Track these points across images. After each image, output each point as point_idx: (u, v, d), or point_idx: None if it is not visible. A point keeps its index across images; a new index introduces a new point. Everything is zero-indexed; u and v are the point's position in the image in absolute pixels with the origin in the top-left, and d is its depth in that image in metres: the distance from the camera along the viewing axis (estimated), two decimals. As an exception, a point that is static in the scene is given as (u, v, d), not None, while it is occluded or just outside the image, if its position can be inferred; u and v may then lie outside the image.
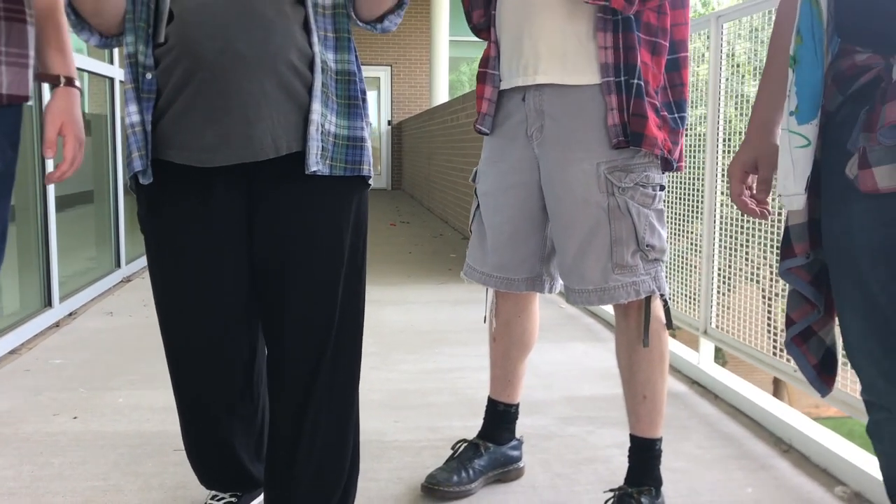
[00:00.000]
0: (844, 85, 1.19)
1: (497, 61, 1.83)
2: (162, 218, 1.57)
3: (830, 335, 1.39)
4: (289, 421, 1.61)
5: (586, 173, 1.69)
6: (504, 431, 2.08)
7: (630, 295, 1.71)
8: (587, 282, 1.73)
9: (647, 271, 1.72)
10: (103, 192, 4.85)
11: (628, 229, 1.69)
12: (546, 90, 1.74)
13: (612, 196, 1.69)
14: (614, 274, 1.71)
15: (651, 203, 1.71)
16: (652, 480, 1.81)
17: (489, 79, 1.84)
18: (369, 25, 1.58)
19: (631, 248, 1.70)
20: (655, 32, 1.68)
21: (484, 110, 1.85)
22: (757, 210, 1.49)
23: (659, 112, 1.71)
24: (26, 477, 2.07)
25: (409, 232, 7.73)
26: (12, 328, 3.32)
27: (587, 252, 1.72)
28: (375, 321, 3.87)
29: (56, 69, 1.61)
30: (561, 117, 1.72)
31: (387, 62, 14.09)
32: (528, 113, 1.77)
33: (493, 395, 2.09)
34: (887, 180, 1.09)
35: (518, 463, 2.09)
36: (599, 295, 1.73)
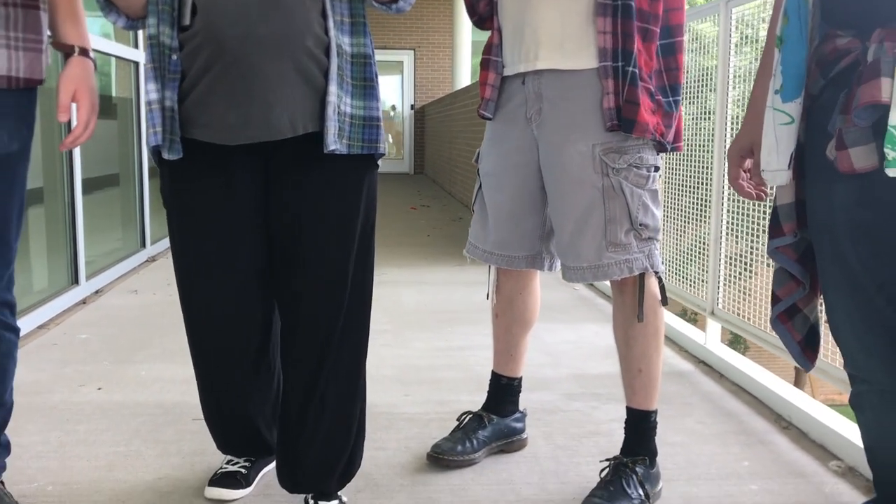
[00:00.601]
0: (826, 69, 1.24)
1: (500, 49, 1.89)
2: (184, 192, 1.66)
3: (814, 312, 1.44)
4: (300, 388, 1.70)
5: (582, 155, 1.75)
6: (507, 404, 2.15)
7: (623, 272, 1.77)
8: (582, 259, 1.79)
9: (641, 249, 1.78)
10: (129, 175, 4.97)
11: (622, 209, 1.75)
12: (545, 74, 1.80)
13: (607, 176, 1.75)
14: (608, 252, 1.77)
15: (645, 183, 1.77)
16: (647, 451, 1.87)
17: (492, 65, 1.90)
18: (384, 6, 1.65)
19: (624, 227, 1.76)
20: (647, 18, 1.73)
21: (487, 96, 1.91)
22: (753, 193, 1.55)
23: (653, 96, 1.76)
24: (54, 442, 2.18)
25: (429, 215, 7.80)
26: (41, 304, 3.45)
27: (582, 230, 1.78)
28: (390, 301, 3.96)
29: (70, 39, 1.67)
30: (558, 101, 1.78)
31: (410, 46, 14.12)
32: (528, 96, 1.83)
33: (497, 370, 2.16)
34: (863, 160, 1.15)
35: (521, 434, 2.17)
36: (594, 272, 1.79)
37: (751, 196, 1.53)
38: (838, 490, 1.96)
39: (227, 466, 1.91)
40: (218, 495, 1.85)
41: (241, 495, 1.86)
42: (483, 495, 1.91)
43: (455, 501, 1.88)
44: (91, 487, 1.92)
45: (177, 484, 1.94)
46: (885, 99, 1.08)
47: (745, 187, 1.53)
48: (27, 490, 1.88)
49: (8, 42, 1.56)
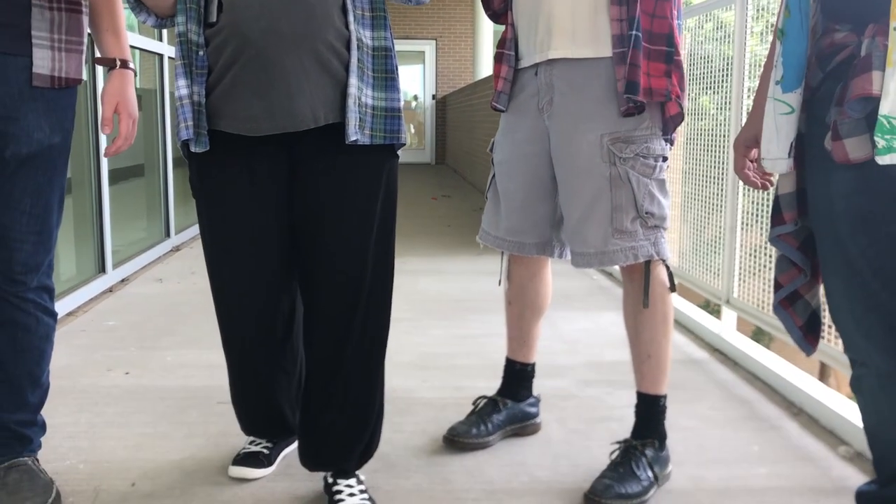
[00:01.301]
0: (824, 62, 1.29)
1: (514, 42, 1.94)
2: (211, 183, 1.73)
3: (816, 298, 1.49)
4: (324, 370, 1.76)
5: (590, 144, 1.80)
6: (521, 389, 2.21)
7: (629, 258, 1.82)
8: (588, 245, 1.84)
9: (647, 237, 1.82)
10: (154, 166, 5.07)
11: (628, 197, 1.80)
12: (556, 65, 1.84)
13: (614, 165, 1.79)
14: (614, 238, 1.81)
15: (652, 173, 1.81)
16: (656, 434, 1.92)
17: (505, 59, 1.95)
18: (405, 1, 1.71)
19: (630, 215, 1.80)
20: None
21: (500, 88, 1.96)
22: (758, 182, 1.59)
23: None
24: (84, 423, 2.27)
25: (450, 205, 7.86)
26: (69, 292, 3.55)
27: (590, 217, 1.83)
28: (410, 289, 4.02)
29: (112, 53, 1.78)
30: (568, 91, 1.83)
31: (432, 36, 14.15)
32: (540, 87, 1.88)
33: (510, 356, 2.22)
34: (857, 151, 1.19)
35: (535, 419, 2.22)
36: (600, 258, 1.84)
37: (756, 185, 1.57)
38: (845, 474, 2.00)
39: (249, 447, 1.98)
40: (241, 474, 1.92)
41: (263, 474, 1.94)
42: (497, 476, 1.97)
43: (469, 482, 1.94)
44: (120, 466, 2.00)
45: (202, 463, 2.02)
46: (877, 91, 1.12)
47: (751, 177, 1.57)
48: (60, 468, 1.96)
49: (52, 44, 1.65)
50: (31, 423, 1.83)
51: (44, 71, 1.65)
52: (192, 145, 1.67)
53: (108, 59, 1.78)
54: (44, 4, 1.64)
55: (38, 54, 1.64)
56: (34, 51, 1.64)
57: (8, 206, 1.68)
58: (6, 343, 1.75)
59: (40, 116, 1.67)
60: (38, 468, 1.80)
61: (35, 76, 1.64)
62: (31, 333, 1.77)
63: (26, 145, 1.66)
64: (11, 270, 1.71)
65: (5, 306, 1.74)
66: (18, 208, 1.68)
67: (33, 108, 1.66)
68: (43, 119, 1.67)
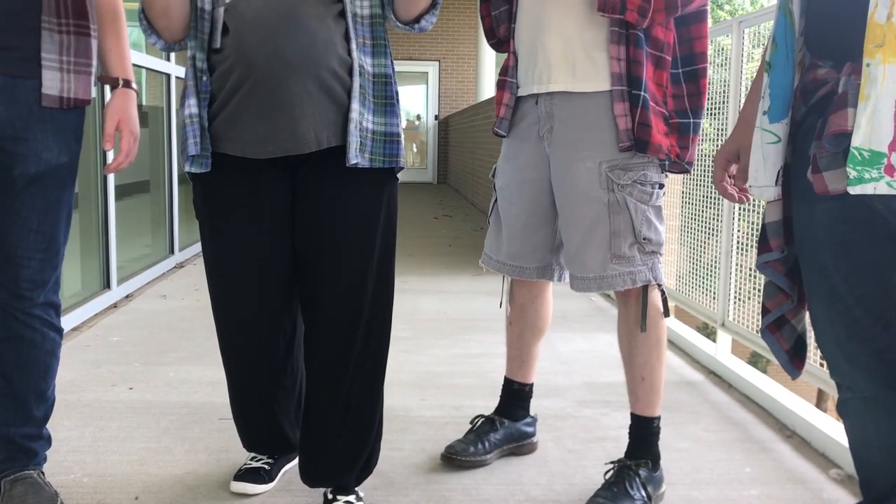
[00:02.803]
0: (807, 96, 1.34)
1: (515, 70, 2.00)
2: (215, 204, 1.78)
3: (802, 323, 1.53)
4: (323, 392, 1.80)
5: (589, 171, 1.85)
6: (518, 409, 2.25)
7: (626, 283, 1.87)
8: (588, 270, 1.89)
9: (644, 262, 1.87)
10: (159, 182, 5.12)
11: (626, 223, 1.85)
12: (556, 96, 1.90)
13: (612, 192, 1.84)
14: (612, 264, 1.86)
15: (649, 200, 1.86)
16: (650, 455, 1.96)
17: (507, 86, 2.01)
18: (407, 26, 1.77)
19: (628, 241, 1.85)
20: (661, 47, 1.84)
21: (501, 115, 2.02)
22: (736, 195, 1.65)
23: (668, 120, 1.87)
24: (88, 437, 2.31)
25: (451, 225, 7.91)
26: (74, 308, 3.59)
27: (588, 243, 1.88)
28: (411, 308, 4.06)
29: (115, 72, 1.84)
30: (568, 120, 1.89)
31: (435, 57, 14.27)
32: (540, 115, 1.94)
33: (509, 375, 2.26)
34: (835, 183, 1.24)
35: (532, 438, 2.26)
36: (598, 282, 1.89)
37: (733, 198, 1.63)
38: (836, 496, 2.04)
39: (251, 463, 2.02)
40: (242, 489, 1.96)
41: (264, 490, 1.97)
42: (493, 494, 2.01)
43: (466, 500, 1.98)
44: (124, 480, 2.04)
45: (204, 478, 2.06)
46: (851, 128, 1.17)
47: (728, 189, 1.63)
48: (65, 481, 2.00)
49: (61, 65, 1.70)
50: (36, 437, 1.86)
51: (53, 92, 1.71)
52: (193, 163, 1.72)
53: (111, 78, 1.84)
54: (53, 28, 1.69)
55: (47, 76, 1.69)
56: (43, 72, 1.69)
57: (16, 223, 1.72)
58: (13, 358, 1.80)
59: (49, 136, 1.72)
60: (43, 481, 1.84)
61: (44, 97, 1.69)
62: (37, 349, 1.81)
63: (35, 165, 1.71)
64: (18, 287, 1.75)
65: (12, 322, 1.78)
66: (26, 226, 1.73)
67: (42, 129, 1.71)
68: (51, 139, 1.73)
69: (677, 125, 1.88)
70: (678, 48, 1.88)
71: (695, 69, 1.89)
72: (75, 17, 1.72)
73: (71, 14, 1.71)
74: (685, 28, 1.88)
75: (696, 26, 1.88)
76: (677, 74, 1.89)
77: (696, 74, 1.89)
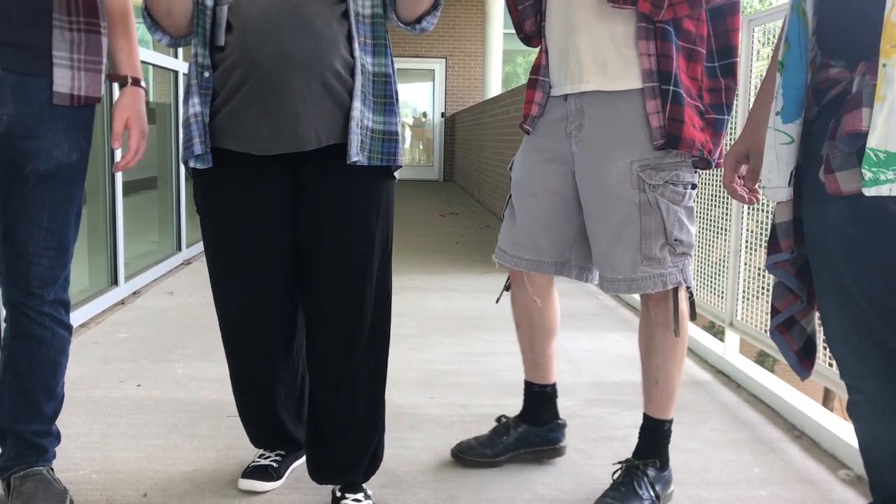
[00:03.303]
0: (819, 96, 1.33)
1: (547, 70, 1.96)
2: (216, 201, 1.78)
3: (811, 324, 1.52)
4: (326, 389, 1.81)
5: (620, 171, 1.81)
6: (541, 412, 2.18)
7: (657, 286, 1.83)
8: (617, 271, 1.85)
9: (675, 264, 1.83)
10: (166, 179, 5.14)
11: (657, 224, 1.81)
12: (588, 94, 1.86)
13: (644, 192, 1.80)
14: (643, 265, 1.82)
15: (681, 200, 1.82)
16: (659, 455, 1.95)
17: (540, 85, 1.98)
18: (408, 27, 1.78)
19: (659, 242, 1.82)
20: (694, 40, 1.79)
21: (533, 113, 1.99)
22: (746, 196, 1.64)
23: (704, 115, 1.82)
24: (96, 434, 2.31)
25: (458, 223, 7.91)
26: (82, 304, 3.60)
27: (618, 243, 1.84)
28: (417, 306, 4.07)
29: (125, 70, 1.84)
30: (600, 118, 1.85)
31: (441, 55, 14.26)
32: (569, 112, 1.90)
33: (527, 378, 2.20)
34: (848, 183, 1.23)
35: (556, 444, 2.18)
36: (628, 284, 1.85)
37: (743, 199, 1.62)
38: (845, 497, 2.03)
39: (259, 460, 2.02)
40: (250, 486, 1.96)
41: (272, 487, 1.98)
42: (501, 493, 2.01)
43: (474, 498, 1.98)
44: (132, 477, 2.04)
45: (212, 476, 2.06)
46: (865, 128, 1.17)
47: (738, 191, 1.62)
48: (73, 477, 2.01)
49: (72, 63, 1.71)
50: (46, 434, 1.87)
51: (64, 90, 1.71)
52: (197, 161, 1.72)
53: (120, 77, 1.84)
54: (64, 25, 1.69)
55: (58, 73, 1.70)
56: (54, 70, 1.69)
57: (26, 221, 1.73)
58: (23, 355, 1.80)
59: (60, 134, 1.72)
60: (52, 477, 1.84)
61: (55, 95, 1.70)
62: (46, 346, 1.82)
63: (45, 163, 1.71)
64: (29, 284, 1.76)
65: (22, 319, 1.79)
66: (36, 224, 1.74)
67: (53, 127, 1.71)
68: (62, 137, 1.73)
69: (713, 121, 1.83)
70: (714, 41, 1.84)
71: (731, 62, 1.84)
72: (86, 15, 1.72)
73: (82, 12, 1.71)
74: (721, 20, 1.83)
75: (731, 18, 1.84)
76: (713, 68, 1.84)
77: (732, 68, 1.85)
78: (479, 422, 2.47)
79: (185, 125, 1.73)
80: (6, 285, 1.78)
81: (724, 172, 1.63)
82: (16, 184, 1.71)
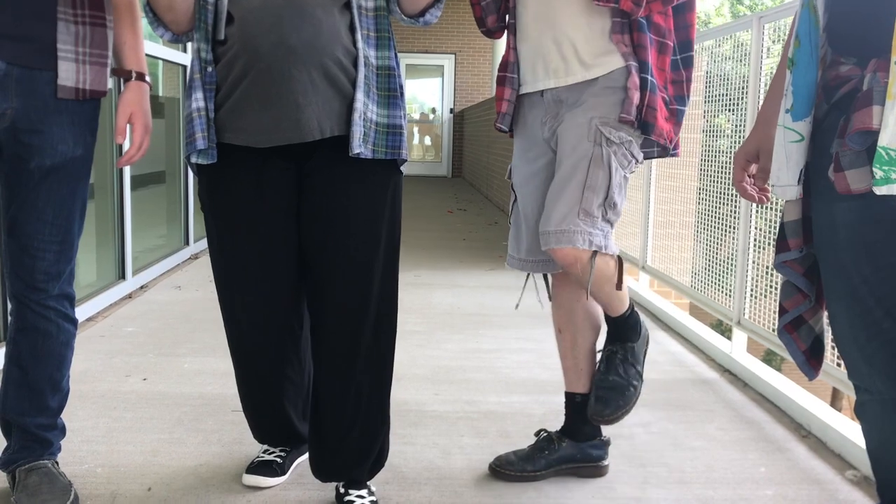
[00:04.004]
0: (829, 94, 1.32)
1: (516, 66, 1.98)
2: (220, 195, 1.78)
3: (820, 324, 1.51)
4: (332, 386, 1.80)
5: (580, 125, 1.85)
6: (584, 425, 2.09)
7: (584, 243, 1.82)
8: (551, 222, 1.84)
9: (602, 227, 1.85)
10: (174, 173, 5.14)
11: (603, 180, 1.83)
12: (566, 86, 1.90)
13: (599, 146, 1.83)
14: (578, 218, 1.82)
15: (627, 165, 1.86)
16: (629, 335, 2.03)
17: (508, 81, 1.98)
18: (412, 20, 1.77)
19: (599, 198, 1.83)
20: (664, 33, 1.86)
21: (504, 110, 2.00)
22: (755, 196, 1.63)
23: (668, 105, 1.89)
24: (102, 428, 2.32)
25: (465, 219, 7.90)
26: (89, 298, 3.61)
27: (560, 194, 1.84)
28: (424, 303, 4.06)
29: (129, 65, 1.83)
30: (576, 101, 1.89)
31: (451, 50, 14.24)
32: (547, 106, 1.93)
33: (568, 388, 2.12)
34: (858, 182, 1.22)
35: (599, 462, 2.11)
36: (557, 236, 1.82)
37: (753, 198, 1.61)
38: (852, 498, 2.02)
39: (263, 455, 2.02)
40: (255, 482, 1.96)
41: (276, 483, 1.97)
42: (506, 490, 2.00)
43: (479, 495, 1.97)
44: (137, 471, 2.05)
45: (216, 470, 2.06)
46: (876, 126, 1.15)
47: (748, 190, 1.61)
48: (78, 471, 2.01)
49: (77, 56, 1.70)
50: (51, 427, 1.87)
51: (68, 83, 1.70)
52: (200, 156, 1.72)
53: (124, 71, 1.84)
54: (69, 18, 1.69)
55: (62, 67, 1.69)
56: (59, 63, 1.68)
57: (31, 216, 1.73)
58: (28, 349, 1.81)
59: (65, 129, 1.72)
60: (57, 471, 1.84)
61: (60, 88, 1.69)
62: (51, 340, 1.82)
63: (50, 157, 1.71)
64: (34, 278, 1.76)
65: (27, 313, 1.79)
66: (42, 218, 1.74)
67: (58, 121, 1.71)
68: (67, 131, 1.73)
69: (675, 111, 1.90)
70: (676, 35, 1.90)
71: (690, 56, 1.92)
72: (91, 8, 1.72)
73: (87, 5, 1.71)
74: (682, 16, 1.90)
75: (689, 14, 1.91)
76: (676, 61, 1.91)
77: (690, 61, 1.92)
78: (484, 419, 2.46)
79: (187, 120, 1.73)
80: (11, 279, 1.78)
81: (733, 171, 1.62)
82: (21, 178, 1.71)
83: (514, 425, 2.42)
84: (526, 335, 3.42)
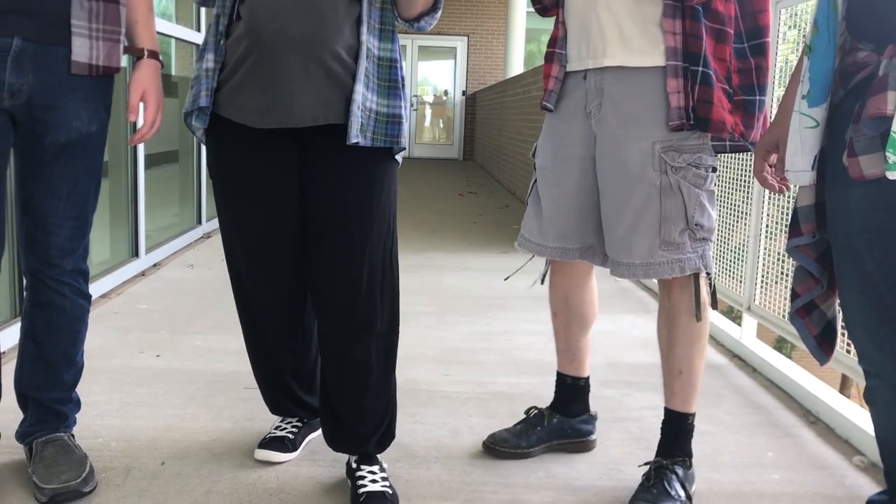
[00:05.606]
0: (846, 79, 1.32)
1: (564, 42, 1.92)
2: (227, 165, 1.83)
3: (832, 309, 1.52)
4: (331, 360, 1.85)
5: (642, 151, 1.77)
6: (573, 404, 2.15)
7: (675, 271, 1.79)
8: (634, 256, 1.81)
9: (695, 249, 1.79)
10: (187, 153, 5.16)
11: (678, 208, 1.77)
12: (608, 71, 1.81)
13: (665, 175, 1.76)
14: (661, 250, 1.78)
15: (702, 184, 1.78)
16: (684, 452, 1.90)
17: (556, 58, 1.93)
18: (407, 23, 1.80)
19: (679, 226, 1.77)
20: (722, 20, 1.75)
21: (551, 87, 1.94)
22: (776, 185, 1.63)
23: (732, 97, 1.78)
24: (116, 403, 2.35)
25: (476, 202, 7.89)
26: (103, 275, 3.64)
27: (637, 227, 1.79)
28: (434, 285, 4.08)
29: (141, 42, 1.85)
30: (620, 97, 1.80)
31: (464, 32, 14.18)
32: (588, 91, 1.86)
33: (560, 369, 2.17)
34: (872, 167, 1.22)
35: (588, 437, 2.15)
36: (645, 269, 1.81)
37: (773, 188, 1.61)
38: (858, 483, 2.03)
39: (275, 431, 2.05)
40: (266, 457, 1.99)
41: (287, 458, 2.00)
42: (514, 470, 2.02)
43: (487, 475, 1.99)
44: (150, 445, 2.07)
45: (229, 446, 2.09)
46: (890, 111, 1.16)
47: (769, 180, 1.61)
48: (93, 444, 2.04)
49: (90, 33, 1.71)
50: (66, 401, 1.90)
51: (82, 59, 1.71)
52: (198, 120, 1.76)
53: (137, 49, 1.85)
54: None
55: (76, 42, 1.70)
56: (73, 39, 1.69)
57: (46, 192, 1.75)
58: (43, 323, 1.83)
59: (79, 105, 1.73)
60: (73, 443, 1.87)
61: (74, 64, 1.70)
62: (66, 314, 1.84)
63: (65, 133, 1.72)
64: (49, 254, 1.78)
65: (42, 288, 1.81)
66: (56, 194, 1.75)
67: (72, 97, 1.72)
68: (81, 107, 1.74)
69: (742, 102, 1.78)
70: (741, 22, 1.79)
71: (761, 42, 1.79)
72: None
73: None
74: (748, 1, 1.79)
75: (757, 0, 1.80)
76: (742, 49, 1.80)
77: (762, 48, 1.80)
78: (493, 399, 2.48)
79: (195, 79, 1.77)
80: (26, 255, 1.80)
81: (754, 161, 1.62)
82: (36, 154, 1.73)
83: (522, 406, 2.43)
84: (536, 318, 3.43)
